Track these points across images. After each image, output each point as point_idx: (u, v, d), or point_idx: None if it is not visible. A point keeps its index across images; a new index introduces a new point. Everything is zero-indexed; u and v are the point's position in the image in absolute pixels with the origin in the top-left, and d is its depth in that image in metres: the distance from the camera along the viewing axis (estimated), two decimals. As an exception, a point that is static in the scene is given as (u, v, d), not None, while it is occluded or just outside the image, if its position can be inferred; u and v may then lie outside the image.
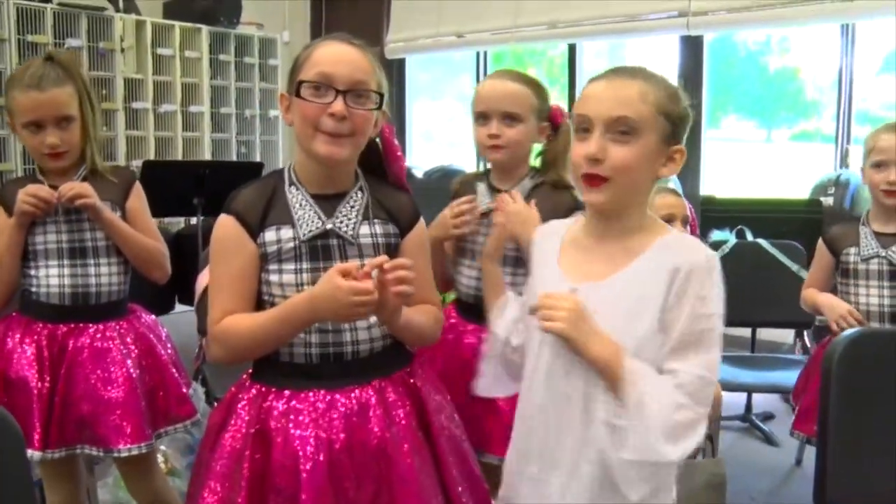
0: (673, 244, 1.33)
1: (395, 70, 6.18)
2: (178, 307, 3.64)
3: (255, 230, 1.43)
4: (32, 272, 1.97)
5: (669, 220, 2.40)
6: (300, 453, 1.36)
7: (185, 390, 2.11)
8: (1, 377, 1.92)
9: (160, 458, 2.57)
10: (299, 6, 6.46)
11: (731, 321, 1.36)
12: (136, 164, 4.90)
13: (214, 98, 5.63)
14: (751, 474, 2.97)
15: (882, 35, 4.67)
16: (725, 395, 2.56)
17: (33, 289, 1.98)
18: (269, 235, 1.43)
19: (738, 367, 3.00)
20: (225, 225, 1.45)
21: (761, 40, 5.73)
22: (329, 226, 1.44)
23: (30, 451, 1.86)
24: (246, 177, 1.67)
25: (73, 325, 1.98)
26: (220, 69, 5.64)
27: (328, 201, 1.46)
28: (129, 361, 1.99)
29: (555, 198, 1.86)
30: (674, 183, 4.69)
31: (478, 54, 5.94)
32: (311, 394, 1.41)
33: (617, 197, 1.31)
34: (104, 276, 2.01)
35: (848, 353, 1.36)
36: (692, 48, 4.72)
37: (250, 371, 1.51)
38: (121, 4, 5.06)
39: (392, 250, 1.49)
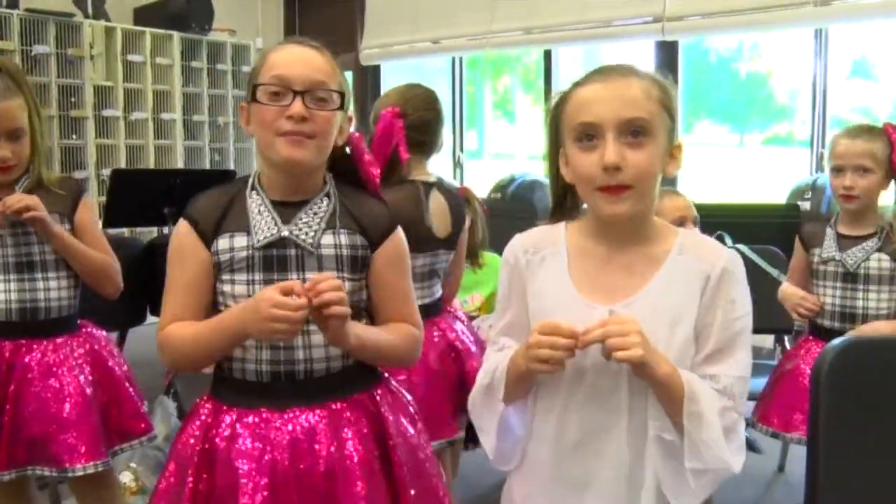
0: (692, 246, 1.27)
1: (370, 76, 6.14)
2: (150, 318, 3.56)
3: (209, 237, 1.36)
4: None
5: (682, 222, 2.36)
6: (241, 476, 1.30)
7: (139, 406, 2.05)
8: None
9: (130, 477, 2.51)
10: (272, 12, 6.41)
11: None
12: (106, 172, 4.83)
13: (187, 105, 5.56)
14: (733, 483, 2.94)
15: (852, 39, 4.72)
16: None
17: None
18: (223, 243, 1.36)
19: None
20: (180, 231, 1.39)
21: (733, 46, 5.76)
22: (285, 233, 1.36)
23: None
24: (218, 185, 1.61)
25: (21, 342, 1.90)
26: (193, 76, 5.58)
27: (289, 208, 1.38)
28: (81, 377, 1.92)
29: None
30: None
31: (453, 60, 5.91)
32: (258, 413, 1.35)
33: (638, 205, 1.22)
34: (53, 290, 1.94)
35: (838, 362, 1.34)
36: (667, 53, 4.72)
37: (211, 384, 1.45)
38: (90, 10, 4.97)
39: (359, 263, 1.40)
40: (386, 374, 1.50)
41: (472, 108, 6.31)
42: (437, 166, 6.04)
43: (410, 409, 1.50)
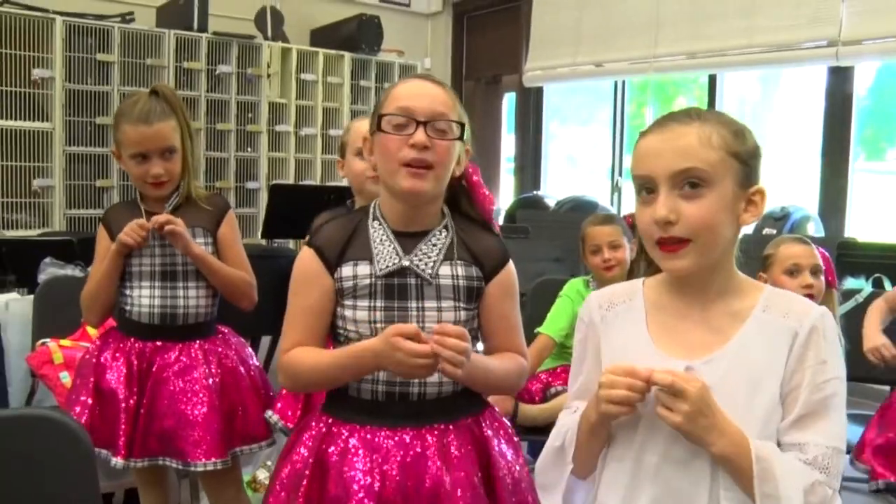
0: (779, 302, 1.20)
1: (533, 98, 6.18)
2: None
3: (333, 265, 1.45)
4: (127, 292, 2.09)
5: (794, 271, 2.35)
6: (353, 489, 1.36)
7: (265, 413, 2.15)
8: (95, 387, 2.04)
9: (266, 474, 2.66)
10: (440, 34, 6.59)
11: (862, 377, 1.25)
12: (279, 183, 5.13)
13: (353, 122, 5.78)
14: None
15: None
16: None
17: (127, 307, 2.09)
18: (346, 271, 1.44)
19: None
20: (305, 258, 1.47)
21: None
22: (406, 263, 1.44)
23: (114, 459, 1.97)
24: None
25: (160, 343, 2.07)
26: (361, 94, 5.82)
27: (410, 238, 1.46)
28: (210, 380, 2.06)
29: None
30: (814, 223, 4.45)
31: (615, 84, 5.84)
32: (371, 431, 1.41)
33: (702, 259, 1.17)
34: (192, 298, 2.10)
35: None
36: (840, 78, 4.45)
37: (323, 399, 1.53)
38: (269, 33, 5.32)
39: (474, 294, 1.47)
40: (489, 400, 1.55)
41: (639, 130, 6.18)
42: (594, 189, 5.92)
43: (511, 434, 1.54)
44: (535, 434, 2.45)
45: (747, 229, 1.39)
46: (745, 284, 1.24)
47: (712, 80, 5.15)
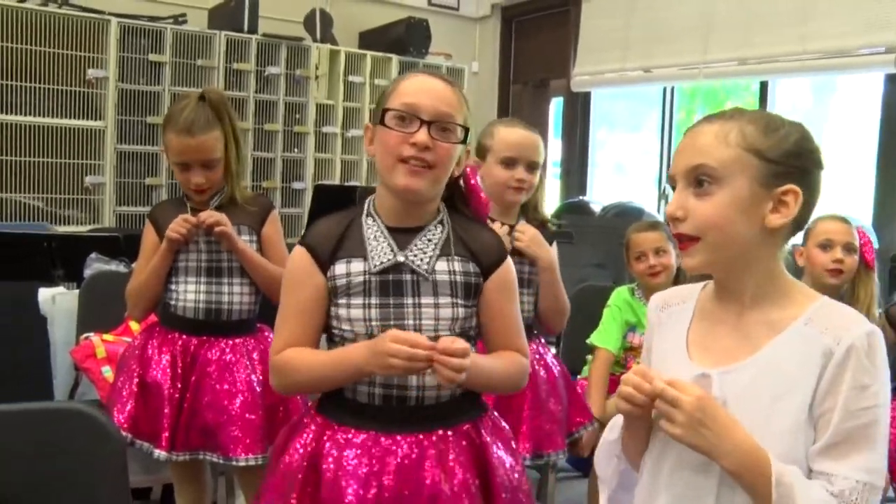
0: (825, 317, 1.12)
1: (581, 103, 6.13)
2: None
3: (325, 262, 1.41)
4: (173, 287, 2.12)
5: (827, 246, 2.38)
6: (348, 494, 1.33)
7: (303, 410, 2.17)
8: (140, 380, 2.07)
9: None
10: (489, 38, 6.57)
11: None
12: (323, 183, 5.17)
13: (399, 125, 5.79)
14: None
15: None
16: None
17: (172, 302, 2.12)
18: (339, 268, 1.41)
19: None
20: (297, 256, 1.45)
21: None
22: (401, 258, 1.40)
23: (157, 451, 2.00)
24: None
25: (204, 338, 2.10)
26: (408, 97, 5.80)
27: (404, 234, 1.42)
28: (252, 377, 2.08)
29: (543, 234, 2.14)
30: (869, 235, 4.32)
31: (664, 89, 5.76)
32: (367, 435, 1.38)
33: (713, 258, 1.14)
34: (236, 294, 2.13)
35: None
36: (897, 87, 4.33)
37: (317, 398, 1.50)
38: (318, 35, 5.36)
39: (472, 290, 1.43)
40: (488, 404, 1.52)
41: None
42: (640, 196, 5.82)
43: (510, 439, 1.51)
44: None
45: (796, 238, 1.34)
46: (793, 293, 1.18)
47: (763, 88, 5.05)
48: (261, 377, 2.10)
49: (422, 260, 1.41)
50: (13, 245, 3.00)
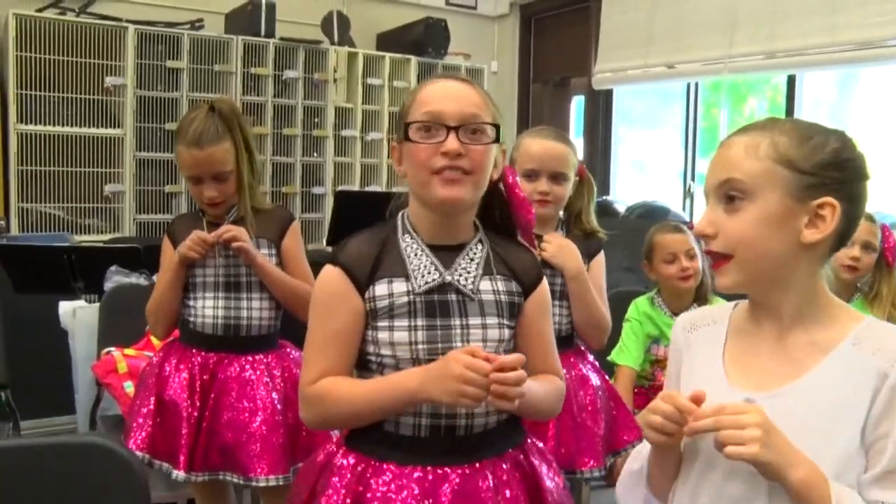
0: (875, 338, 1.07)
1: (602, 101, 6.04)
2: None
3: (363, 284, 1.32)
4: (191, 303, 2.07)
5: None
6: None
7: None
8: (157, 398, 2.02)
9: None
10: (508, 37, 6.50)
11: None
12: (345, 189, 5.12)
13: (420, 127, 5.73)
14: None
15: None
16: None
17: (191, 318, 2.07)
18: (380, 289, 1.32)
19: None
20: (330, 277, 1.34)
21: None
22: (448, 278, 1.33)
23: (175, 472, 1.95)
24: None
25: (223, 355, 2.05)
26: (427, 99, 5.74)
27: (446, 252, 1.35)
28: (274, 394, 2.03)
29: (587, 244, 2.10)
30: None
31: (688, 85, 5.66)
32: (416, 469, 1.28)
33: (747, 276, 1.09)
34: (255, 310, 2.07)
35: None
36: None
37: (345, 432, 1.40)
38: (336, 38, 5.30)
39: (515, 310, 1.37)
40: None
41: (713, 134, 6.00)
42: (663, 194, 5.69)
43: (552, 461, 1.45)
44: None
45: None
46: (836, 312, 1.12)
47: (791, 81, 4.94)
48: (282, 394, 2.04)
49: (467, 280, 1.34)
50: (33, 258, 2.96)
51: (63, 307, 2.81)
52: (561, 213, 2.14)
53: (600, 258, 2.13)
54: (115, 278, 2.71)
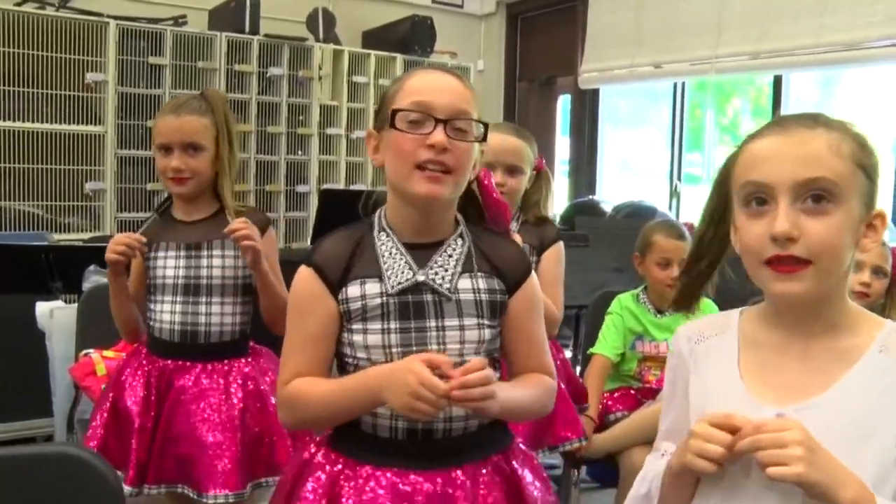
0: None
1: (589, 100, 6.02)
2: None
3: (336, 285, 1.29)
4: (152, 306, 1.99)
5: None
6: None
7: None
8: (113, 406, 1.95)
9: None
10: (494, 35, 6.46)
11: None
12: (330, 187, 5.06)
13: (405, 125, 5.69)
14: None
15: None
16: None
17: (151, 323, 2.00)
18: (353, 290, 1.28)
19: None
20: (304, 279, 1.32)
21: None
22: (421, 277, 1.28)
23: (125, 487, 1.84)
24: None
25: (181, 363, 1.95)
26: (413, 97, 5.70)
27: (423, 250, 1.30)
28: (234, 403, 1.93)
29: (540, 230, 2.14)
30: (890, 231, 4.20)
31: (675, 85, 5.65)
32: (392, 472, 1.25)
33: (820, 285, 1.01)
34: (215, 315, 1.96)
35: None
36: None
37: (329, 432, 1.37)
38: (321, 35, 5.25)
39: (498, 309, 1.32)
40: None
41: (698, 134, 5.99)
42: (649, 194, 5.66)
43: (538, 465, 1.40)
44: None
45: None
46: (859, 319, 1.07)
47: (777, 82, 4.93)
48: (242, 405, 1.93)
49: (443, 278, 1.29)
50: (9, 257, 2.90)
51: (40, 308, 2.75)
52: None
53: (556, 249, 2.14)
54: (94, 278, 2.64)
